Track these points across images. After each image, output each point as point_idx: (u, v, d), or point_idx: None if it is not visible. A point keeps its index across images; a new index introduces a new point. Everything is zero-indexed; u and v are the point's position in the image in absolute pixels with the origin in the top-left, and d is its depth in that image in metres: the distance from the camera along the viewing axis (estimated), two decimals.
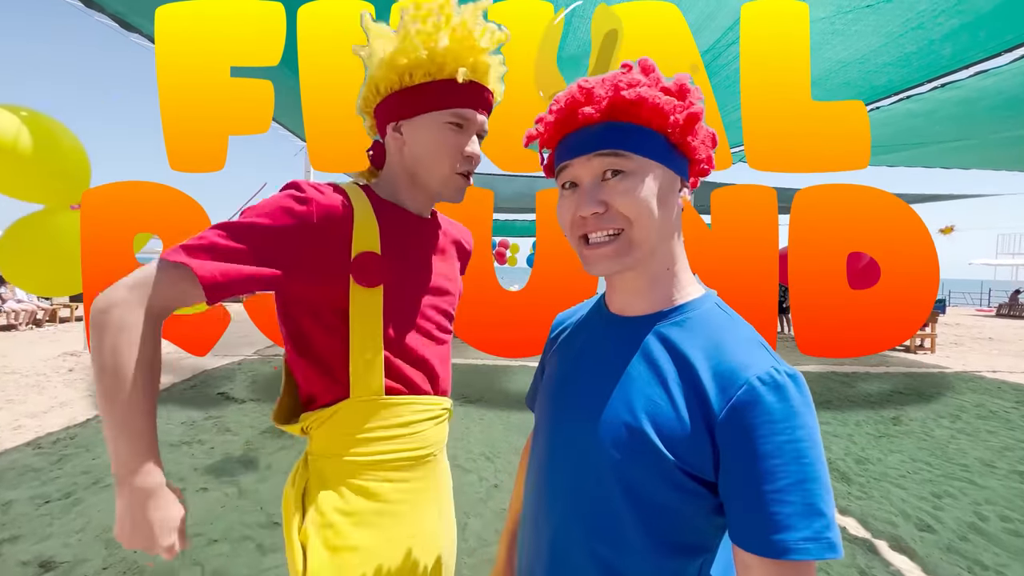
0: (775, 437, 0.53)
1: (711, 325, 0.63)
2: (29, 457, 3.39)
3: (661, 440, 0.58)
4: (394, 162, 0.87)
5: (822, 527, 0.51)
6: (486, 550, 2.47)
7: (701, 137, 0.64)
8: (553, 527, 0.67)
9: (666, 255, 0.66)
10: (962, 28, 2.78)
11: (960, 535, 2.74)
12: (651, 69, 0.63)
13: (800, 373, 0.58)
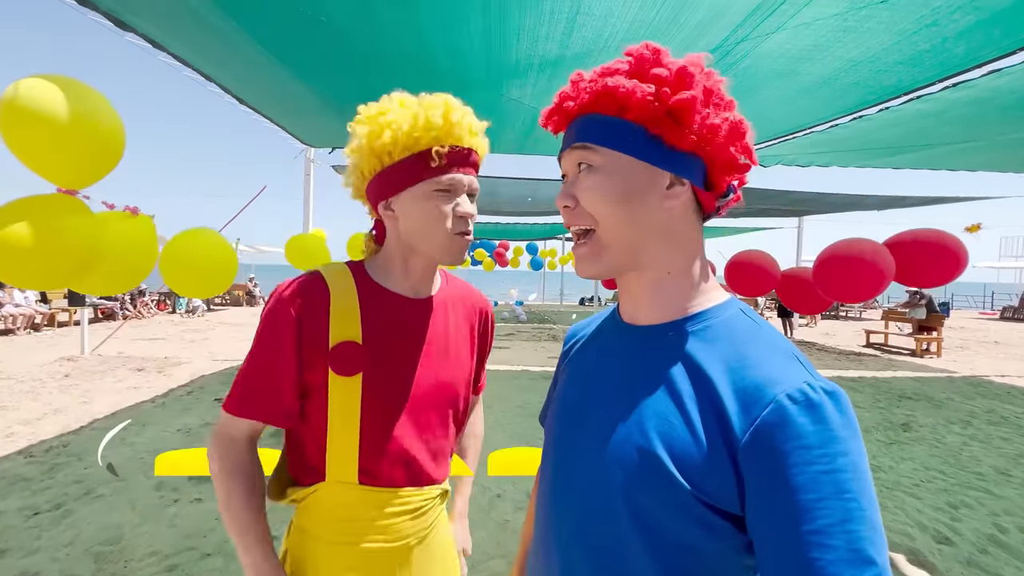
0: (810, 467, 0.45)
1: (734, 334, 0.55)
2: (20, 466, 3.30)
3: (675, 465, 0.50)
4: (391, 239, 0.88)
5: (861, 566, 0.42)
6: (489, 564, 2.38)
7: (702, 129, 0.54)
8: (559, 560, 0.60)
9: (659, 258, 0.59)
10: (978, 25, 2.70)
11: (980, 548, 2.65)
12: (644, 54, 0.56)
13: (843, 392, 0.49)
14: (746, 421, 0.48)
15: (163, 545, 2.43)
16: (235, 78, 4.10)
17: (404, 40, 3.22)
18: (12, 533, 2.50)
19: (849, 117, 4.31)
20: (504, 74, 3.65)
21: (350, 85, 4.11)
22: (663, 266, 0.59)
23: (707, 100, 0.56)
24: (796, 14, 2.61)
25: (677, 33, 2.88)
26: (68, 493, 2.93)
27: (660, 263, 0.59)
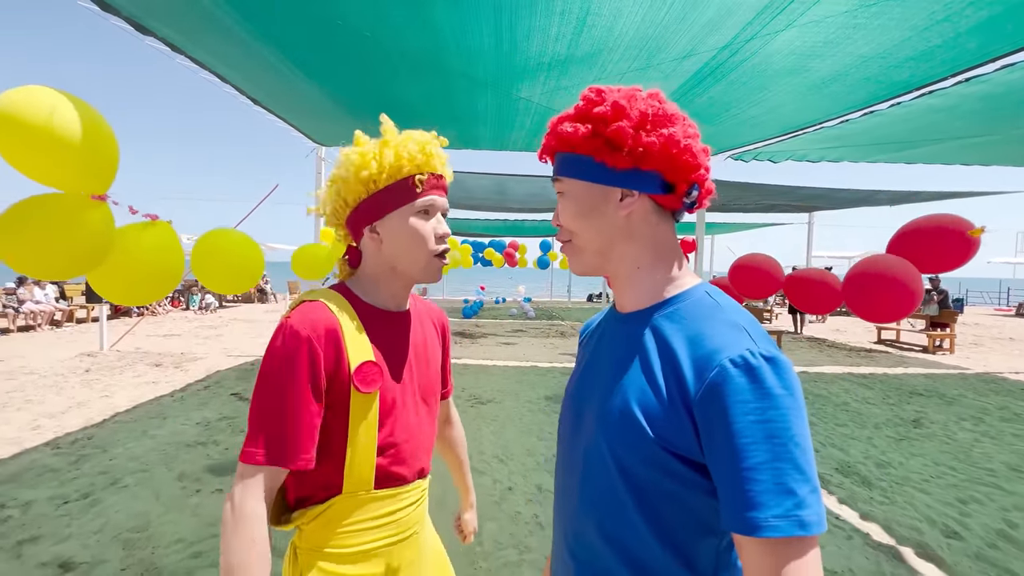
0: (746, 417, 0.55)
1: (697, 313, 0.66)
2: (48, 457, 3.43)
3: (647, 423, 0.61)
4: (372, 261, 0.94)
5: (793, 505, 0.52)
6: (501, 553, 2.44)
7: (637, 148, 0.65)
8: (571, 510, 0.72)
9: (626, 256, 0.71)
10: (991, 20, 2.68)
11: (989, 542, 2.66)
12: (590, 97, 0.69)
13: (784, 359, 0.58)
14: (699, 383, 0.59)
15: (187, 533, 2.52)
16: (249, 80, 4.17)
17: (416, 41, 3.27)
18: (44, 520, 2.61)
19: (860, 112, 4.29)
20: (515, 74, 3.68)
21: (363, 86, 4.17)
22: (632, 262, 0.71)
23: (642, 123, 0.66)
24: (806, 12, 2.62)
25: (686, 32, 2.90)
26: (95, 483, 3.04)
27: (628, 260, 0.71)
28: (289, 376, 0.79)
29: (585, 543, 0.70)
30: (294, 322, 0.82)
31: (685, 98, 4.09)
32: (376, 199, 0.89)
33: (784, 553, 0.52)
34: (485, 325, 12.01)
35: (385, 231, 0.90)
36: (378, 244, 0.91)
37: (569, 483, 0.73)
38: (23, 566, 2.24)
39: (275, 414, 0.79)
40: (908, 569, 2.41)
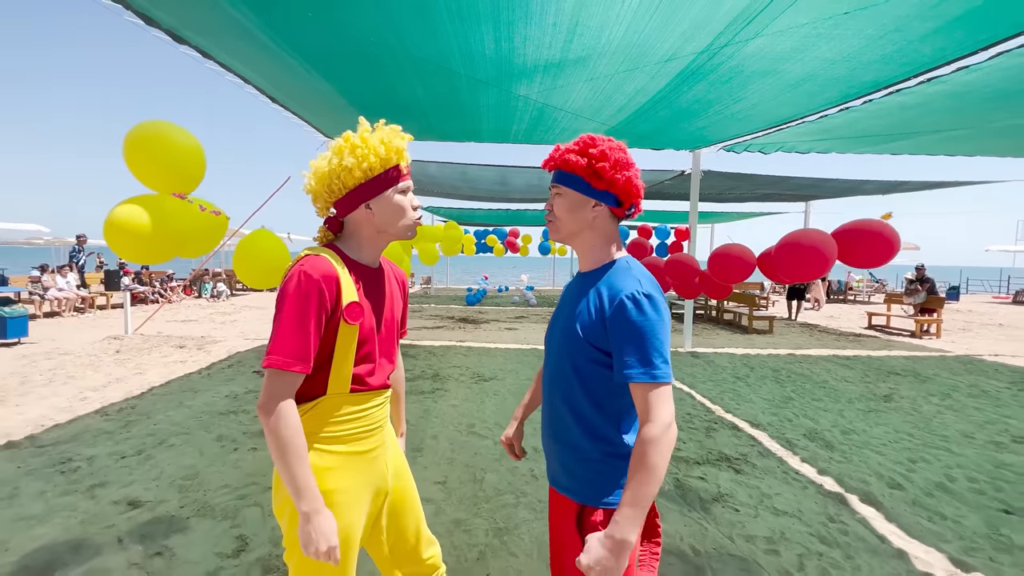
0: (628, 324, 1.04)
1: (617, 272, 1.14)
2: (99, 422, 3.86)
3: (582, 331, 1.11)
4: (363, 228, 1.24)
5: (648, 367, 1.01)
6: (501, 498, 2.84)
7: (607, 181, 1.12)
8: (547, 389, 1.25)
9: (586, 239, 1.19)
10: (937, 31, 2.99)
11: (927, 492, 3.05)
12: (586, 140, 1.15)
13: (656, 295, 1.07)
14: (611, 307, 1.07)
15: (231, 480, 2.94)
16: (269, 80, 4.52)
17: (423, 48, 3.60)
18: (108, 471, 3.04)
19: (836, 108, 4.60)
20: (513, 75, 4.01)
21: (374, 85, 4.52)
22: (591, 243, 1.19)
23: (615, 166, 1.12)
24: (771, 23, 2.94)
25: (665, 40, 3.23)
26: (145, 443, 3.47)
27: (588, 242, 1.19)
28: (303, 307, 1.09)
29: (554, 408, 1.21)
30: (307, 268, 1.11)
31: (672, 95, 4.41)
32: (372, 183, 1.19)
33: (648, 390, 1.01)
34: (488, 312, 12.40)
35: (378, 206, 1.21)
36: (371, 216, 1.21)
37: (548, 372, 1.24)
38: (98, 504, 2.66)
39: (290, 334, 1.08)
40: (850, 512, 2.80)
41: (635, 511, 0.96)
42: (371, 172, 1.18)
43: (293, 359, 1.07)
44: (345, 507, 1.18)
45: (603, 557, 0.96)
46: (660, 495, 2.93)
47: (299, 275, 1.10)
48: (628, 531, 0.95)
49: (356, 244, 1.26)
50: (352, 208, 1.21)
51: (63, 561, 2.17)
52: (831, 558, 2.35)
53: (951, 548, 2.45)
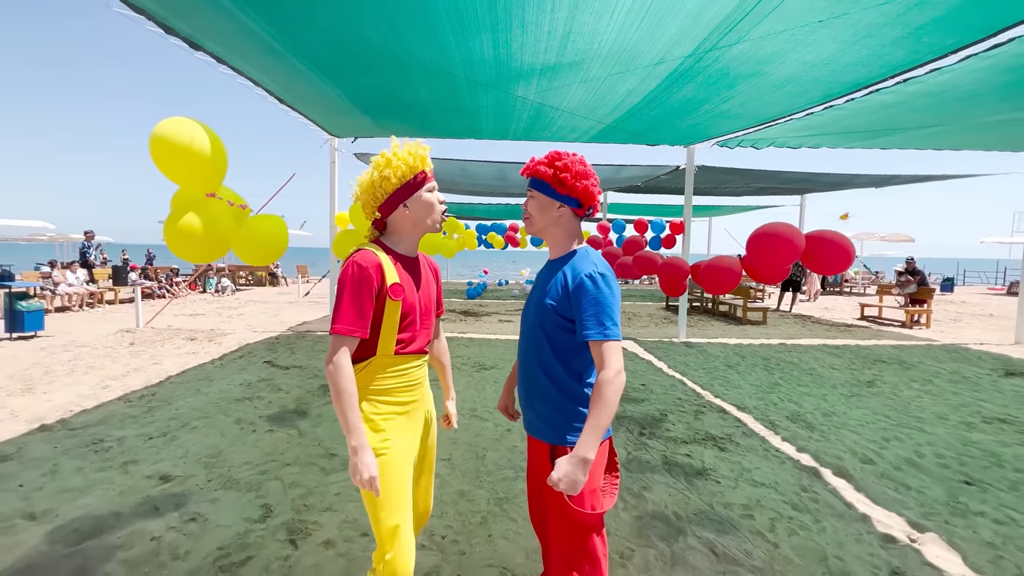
0: (586, 295, 1.34)
1: (578, 258, 1.45)
2: (124, 408, 4.10)
3: (552, 304, 1.42)
4: (403, 224, 1.54)
5: (603, 328, 1.32)
6: (501, 472, 3.09)
7: (569, 188, 1.43)
8: (522, 355, 1.56)
9: (554, 233, 1.50)
10: (906, 36, 3.19)
11: (895, 466, 3.29)
12: (555, 155, 1.46)
13: (608, 274, 1.36)
14: (573, 283, 1.39)
15: (252, 458, 3.19)
16: (278, 83, 4.73)
17: (425, 53, 3.81)
18: (138, 450, 3.28)
19: (820, 107, 4.81)
20: (511, 77, 4.22)
21: (378, 87, 4.72)
22: (557, 237, 1.51)
23: (576, 175, 1.42)
24: (751, 30, 3.15)
25: (654, 46, 3.44)
26: (169, 425, 3.71)
27: (555, 235, 1.51)
28: (358, 288, 1.41)
29: (529, 368, 1.52)
30: (359, 259, 1.43)
31: (663, 95, 4.62)
32: (406, 188, 1.50)
33: (602, 345, 1.32)
34: (488, 305, 12.64)
35: (412, 205, 1.51)
36: (407, 213, 1.52)
37: (523, 343, 1.56)
38: (132, 478, 2.91)
39: (351, 308, 1.40)
40: (822, 483, 3.04)
41: (594, 435, 1.27)
42: (404, 179, 1.48)
43: (351, 326, 1.40)
44: (395, 450, 1.48)
45: (569, 471, 1.26)
46: (646, 468, 3.18)
47: (353, 264, 1.43)
48: (588, 451, 1.27)
49: (397, 238, 1.56)
50: (393, 209, 1.51)
51: (108, 524, 2.41)
52: (800, 521, 2.59)
53: (911, 513, 2.69)
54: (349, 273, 1.42)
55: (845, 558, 2.28)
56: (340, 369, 1.37)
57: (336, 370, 1.36)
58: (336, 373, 1.36)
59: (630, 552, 2.30)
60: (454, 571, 2.14)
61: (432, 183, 1.54)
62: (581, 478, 1.27)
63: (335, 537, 2.35)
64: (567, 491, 1.29)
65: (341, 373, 1.36)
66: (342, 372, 1.37)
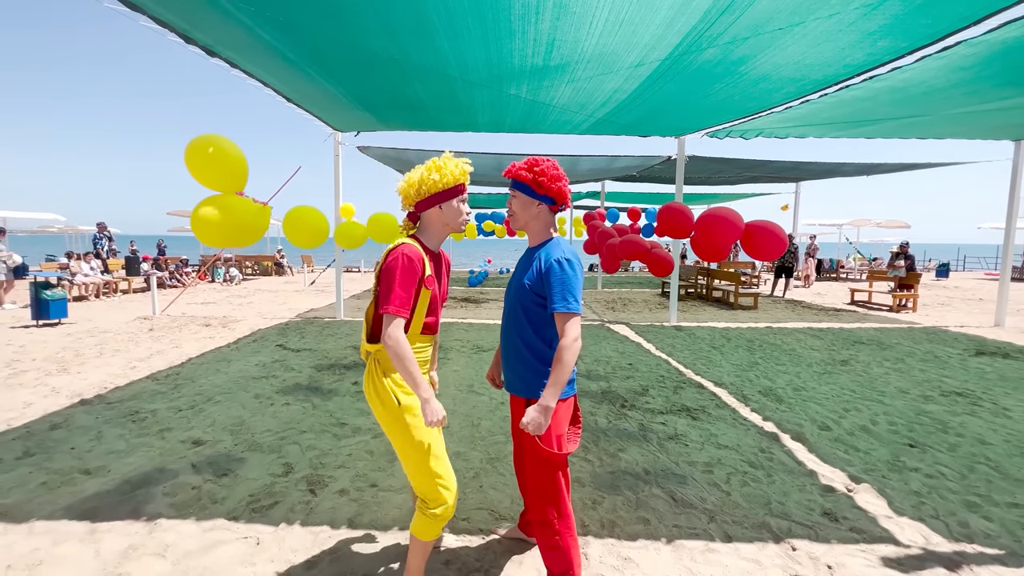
0: (554, 275, 1.68)
1: (550, 246, 1.78)
2: (152, 385, 4.51)
3: (529, 284, 1.74)
4: (435, 222, 1.82)
5: (566, 302, 1.65)
6: (493, 438, 3.47)
7: (545, 189, 1.76)
8: (504, 327, 1.90)
9: (533, 227, 1.85)
10: (861, 40, 3.46)
11: (850, 432, 3.65)
12: (533, 161, 1.79)
13: (573, 259, 1.68)
14: (545, 267, 1.73)
15: (273, 427, 3.58)
16: (286, 84, 5.04)
17: (422, 57, 4.12)
18: (170, 420, 3.68)
19: (797, 101, 5.09)
20: (503, 78, 4.52)
21: (378, 87, 5.02)
22: (535, 229, 1.87)
23: (551, 178, 1.77)
24: (717, 37, 3.44)
25: (631, 51, 3.73)
26: (195, 400, 4.11)
27: (534, 228, 1.87)
28: (406, 275, 1.66)
29: (509, 337, 1.81)
30: (407, 251, 1.68)
31: (647, 93, 4.91)
32: (445, 192, 1.77)
33: (563, 317, 1.66)
34: (489, 292, 13.01)
35: (446, 208, 1.79)
36: (440, 214, 1.79)
37: (505, 316, 1.83)
38: (169, 443, 3.30)
39: (400, 291, 1.65)
40: (780, 446, 3.41)
41: (554, 389, 1.62)
42: (447, 185, 1.77)
43: (402, 307, 1.65)
44: None
45: (535, 416, 1.60)
46: (624, 434, 3.55)
47: (403, 254, 1.68)
48: (550, 400, 1.62)
49: (428, 235, 1.83)
50: (429, 207, 1.79)
51: (154, 478, 2.81)
52: (753, 475, 2.97)
53: (853, 469, 3.06)
54: (400, 262, 1.65)
55: (786, 503, 2.66)
56: (401, 342, 1.61)
57: (396, 342, 1.60)
58: (398, 344, 1.60)
59: (601, 499, 2.68)
60: None
61: (465, 195, 1.82)
62: (544, 422, 1.62)
63: (348, 487, 2.75)
64: (534, 432, 1.63)
65: (401, 343, 1.60)
66: (401, 342, 1.60)
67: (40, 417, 3.73)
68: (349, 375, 4.92)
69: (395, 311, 1.63)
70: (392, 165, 10.75)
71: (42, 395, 4.24)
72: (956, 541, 2.34)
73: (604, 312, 9.69)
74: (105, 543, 2.22)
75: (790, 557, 2.21)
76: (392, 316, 1.63)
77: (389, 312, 1.63)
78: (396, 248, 1.71)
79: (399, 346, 1.60)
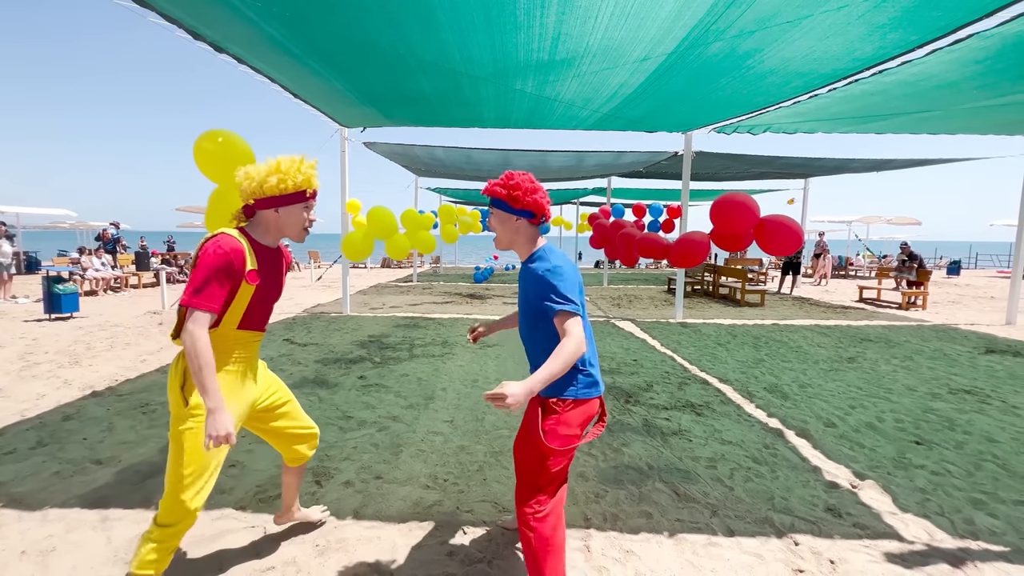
0: (547, 283, 1.64)
1: (537, 258, 1.75)
2: (162, 378, 4.57)
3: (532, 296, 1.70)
4: (268, 223, 1.72)
5: (562, 303, 1.60)
6: (497, 432, 3.49)
7: (522, 203, 1.72)
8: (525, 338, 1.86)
9: (518, 242, 1.79)
10: (870, 33, 3.42)
11: (854, 429, 3.63)
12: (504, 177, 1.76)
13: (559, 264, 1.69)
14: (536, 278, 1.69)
15: None
16: (293, 80, 5.06)
17: (428, 52, 4.12)
18: None
19: (806, 96, 5.04)
20: (508, 72, 4.52)
21: (384, 82, 5.04)
22: (521, 244, 1.80)
23: (526, 191, 1.72)
24: (724, 31, 3.42)
25: (637, 46, 3.71)
26: None
27: (519, 244, 1.80)
28: (219, 269, 1.55)
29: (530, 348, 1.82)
30: (221, 242, 1.56)
31: (653, 87, 4.88)
32: (286, 197, 1.68)
33: (563, 317, 1.60)
34: (494, 288, 13.03)
35: (284, 213, 1.70)
36: (276, 218, 1.70)
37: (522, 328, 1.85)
38: None
39: (209, 286, 1.53)
40: (784, 442, 3.40)
41: (545, 375, 1.54)
42: (285, 191, 1.68)
43: (208, 302, 1.53)
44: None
45: (516, 391, 1.50)
46: (628, 429, 3.56)
47: (216, 245, 1.57)
48: (536, 385, 1.54)
49: (260, 232, 1.75)
50: (266, 208, 1.70)
51: (164, 468, 2.85)
52: (757, 471, 2.96)
53: (858, 466, 3.05)
54: (213, 253, 1.54)
55: (789, 499, 2.66)
56: (197, 338, 1.48)
57: (193, 339, 1.47)
58: (194, 341, 1.47)
59: (604, 493, 2.69)
60: (453, 505, 2.55)
61: (311, 203, 1.74)
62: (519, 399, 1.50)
63: (353, 479, 2.78)
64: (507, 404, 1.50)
65: (198, 340, 1.48)
66: (199, 339, 1.48)
67: (53, 408, 3.80)
68: (355, 369, 4.96)
69: (197, 304, 1.51)
70: (399, 161, 10.78)
71: (55, 387, 4.31)
72: (961, 538, 2.33)
73: (610, 309, 9.68)
74: (116, 531, 2.27)
75: (792, 552, 2.21)
76: (192, 310, 1.51)
77: (191, 305, 1.51)
78: (212, 238, 1.60)
79: (196, 343, 1.47)
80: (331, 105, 6.16)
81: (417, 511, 2.48)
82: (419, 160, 10.19)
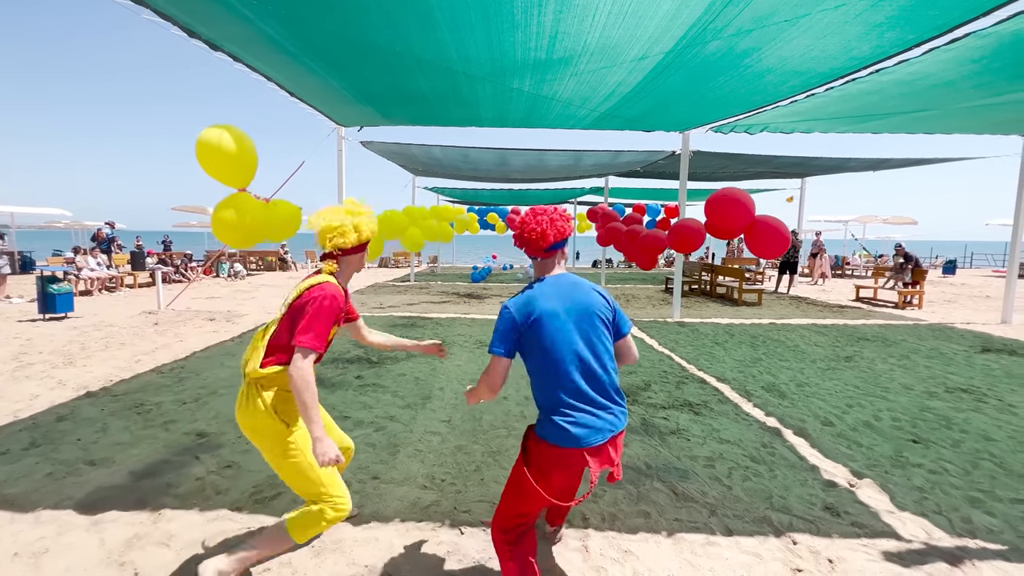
0: None
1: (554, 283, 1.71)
2: (157, 379, 4.54)
3: None
4: (350, 268, 1.96)
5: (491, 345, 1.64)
6: (495, 431, 3.47)
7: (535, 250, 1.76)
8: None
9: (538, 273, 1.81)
10: (867, 32, 3.42)
11: (852, 427, 3.64)
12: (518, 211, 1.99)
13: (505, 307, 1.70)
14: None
15: None
16: (290, 79, 5.03)
17: (425, 51, 4.10)
18: (175, 412, 3.71)
19: (803, 95, 5.04)
20: (506, 71, 4.50)
21: (381, 81, 5.01)
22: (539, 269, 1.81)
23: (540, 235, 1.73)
24: (722, 30, 3.41)
25: (635, 45, 3.70)
26: (199, 393, 4.14)
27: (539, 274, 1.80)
28: (330, 313, 1.76)
29: None
30: (333, 291, 1.79)
31: (651, 86, 4.88)
32: (357, 247, 1.94)
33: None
34: (492, 288, 13.01)
35: (356, 257, 1.96)
36: (351, 260, 1.94)
37: None
38: (173, 435, 3.33)
39: (320, 328, 1.72)
40: (782, 441, 3.40)
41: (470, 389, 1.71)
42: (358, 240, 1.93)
43: (319, 343, 1.72)
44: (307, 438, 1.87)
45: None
46: (627, 428, 3.53)
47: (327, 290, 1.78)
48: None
49: (343, 276, 1.96)
50: (354, 253, 1.95)
51: (158, 469, 2.84)
52: (755, 470, 2.96)
53: (856, 464, 3.05)
54: (327, 301, 1.75)
55: (788, 498, 2.65)
56: (308, 374, 1.66)
57: (304, 375, 1.64)
58: (306, 377, 1.64)
59: (602, 492, 2.68)
60: (451, 505, 2.54)
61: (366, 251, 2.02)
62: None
63: (350, 479, 2.76)
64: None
65: (309, 377, 1.65)
66: (309, 377, 1.66)
67: (47, 409, 3.77)
68: (352, 369, 4.94)
69: (311, 344, 1.68)
70: (396, 160, 10.75)
71: (49, 387, 4.28)
72: (958, 536, 2.33)
73: None
74: (110, 532, 2.24)
75: (791, 551, 2.20)
76: (308, 350, 1.68)
77: (306, 346, 1.68)
78: (321, 285, 1.79)
79: (307, 380, 1.64)
80: (328, 104, 6.13)
81: (414, 511, 2.46)
82: (416, 159, 10.17)
